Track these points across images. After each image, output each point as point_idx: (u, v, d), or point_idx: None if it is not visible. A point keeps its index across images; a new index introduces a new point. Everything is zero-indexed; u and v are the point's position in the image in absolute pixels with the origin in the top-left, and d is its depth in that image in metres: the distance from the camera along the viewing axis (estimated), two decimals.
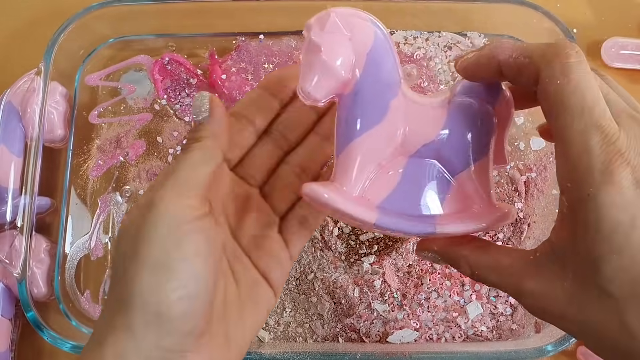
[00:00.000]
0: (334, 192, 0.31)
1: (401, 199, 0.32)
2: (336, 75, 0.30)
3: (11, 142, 0.49)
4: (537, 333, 0.47)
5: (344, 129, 0.31)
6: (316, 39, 0.30)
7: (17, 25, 0.57)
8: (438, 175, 0.33)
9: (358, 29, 0.31)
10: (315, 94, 0.30)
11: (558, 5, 0.56)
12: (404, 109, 0.32)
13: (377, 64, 0.31)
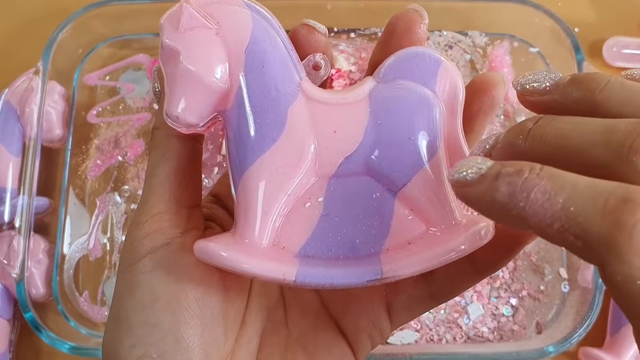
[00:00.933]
0: (234, 249, 0.22)
1: (328, 237, 0.23)
2: (207, 85, 0.22)
3: (9, 142, 0.49)
4: (539, 334, 0.47)
5: (235, 157, 0.23)
6: (171, 42, 0.22)
7: (15, 24, 0.57)
8: (373, 195, 0.24)
9: (227, 18, 0.23)
10: (187, 117, 0.22)
11: (559, 5, 0.56)
12: (310, 115, 0.23)
13: (261, 60, 0.23)
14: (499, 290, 0.48)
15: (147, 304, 0.22)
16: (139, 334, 0.22)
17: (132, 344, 0.22)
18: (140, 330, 0.22)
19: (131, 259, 0.23)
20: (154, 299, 0.22)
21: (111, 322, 0.23)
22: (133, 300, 0.22)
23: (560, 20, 0.51)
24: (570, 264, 0.48)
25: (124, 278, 0.23)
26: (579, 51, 0.50)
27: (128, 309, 0.22)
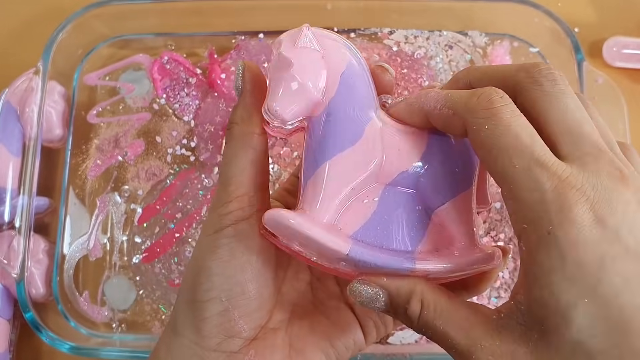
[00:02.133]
0: (301, 217, 0.27)
1: (376, 230, 0.29)
2: (307, 93, 0.27)
3: (9, 142, 0.49)
4: None
5: (313, 153, 0.28)
6: (287, 54, 0.27)
7: (15, 24, 0.57)
8: (417, 207, 0.29)
9: (331, 48, 0.28)
10: (284, 114, 0.27)
11: (559, 4, 0.56)
12: (380, 136, 0.29)
13: (351, 86, 0.28)
14: (499, 290, 0.48)
15: (226, 260, 0.28)
16: (215, 281, 0.28)
17: (208, 288, 0.28)
18: (216, 278, 0.28)
19: (216, 227, 0.29)
20: (232, 257, 0.28)
21: (190, 272, 0.30)
22: (215, 256, 0.28)
23: (560, 20, 0.51)
24: None
25: (208, 240, 0.29)
26: (579, 51, 0.50)
27: (210, 262, 0.28)
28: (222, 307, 0.28)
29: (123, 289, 0.49)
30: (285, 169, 0.51)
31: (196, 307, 0.29)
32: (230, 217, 0.29)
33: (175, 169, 0.52)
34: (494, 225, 0.49)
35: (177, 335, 0.29)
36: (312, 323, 0.31)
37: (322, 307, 0.32)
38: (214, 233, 0.29)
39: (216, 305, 0.28)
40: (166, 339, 0.30)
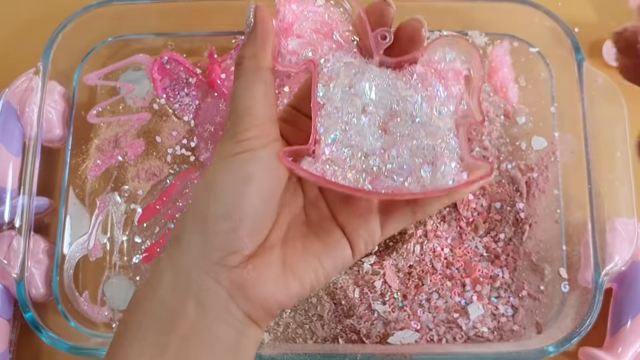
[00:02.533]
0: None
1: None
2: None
3: (9, 142, 0.49)
4: (539, 334, 0.47)
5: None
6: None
7: (15, 24, 0.57)
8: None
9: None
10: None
11: (560, 5, 0.56)
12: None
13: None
14: (499, 290, 0.48)
15: (242, 179, 0.30)
16: (228, 199, 0.30)
17: (221, 204, 0.30)
18: (230, 196, 0.30)
19: (234, 152, 0.31)
20: (248, 178, 0.30)
21: (203, 189, 0.31)
22: (231, 174, 0.31)
23: (560, 20, 0.51)
24: (570, 264, 0.48)
25: (225, 162, 0.31)
26: (579, 51, 0.50)
27: (224, 180, 0.31)
28: (231, 225, 0.30)
29: (123, 289, 0.49)
30: None
31: (207, 222, 0.31)
32: (248, 143, 0.31)
33: (175, 169, 0.52)
34: (493, 225, 0.49)
35: (181, 247, 0.31)
36: (305, 243, 0.33)
37: (314, 228, 0.34)
38: (231, 156, 0.31)
39: (227, 222, 0.30)
40: (169, 249, 0.32)
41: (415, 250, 0.48)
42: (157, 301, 0.31)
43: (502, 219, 0.49)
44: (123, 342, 0.31)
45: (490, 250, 0.49)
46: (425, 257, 0.49)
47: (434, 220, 0.49)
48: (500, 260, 0.48)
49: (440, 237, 0.49)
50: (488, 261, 0.49)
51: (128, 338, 0.31)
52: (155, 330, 0.31)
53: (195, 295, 0.30)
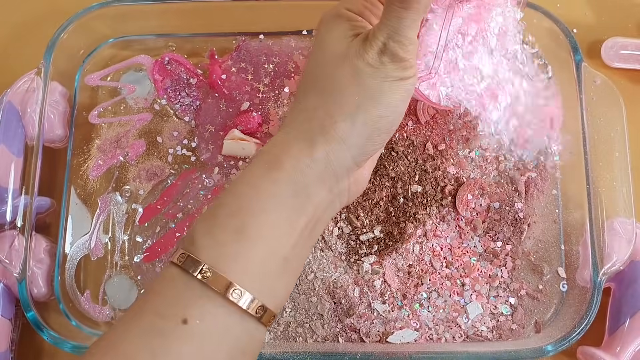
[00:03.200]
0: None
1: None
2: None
3: (11, 142, 0.49)
4: (537, 333, 0.47)
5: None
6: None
7: (17, 25, 0.57)
8: None
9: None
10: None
11: (558, 5, 0.56)
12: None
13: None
14: (498, 290, 0.48)
15: (405, 100, 0.37)
16: (395, 117, 0.37)
17: (389, 122, 0.37)
18: (395, 113, 0.36)
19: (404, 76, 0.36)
20: (408, 98, 0.37)
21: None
22: (399, 95, 0.36)
23: (559, 21, 0.51)
24: (569, 264, 0.49)
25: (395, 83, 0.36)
26: (577, 52, 0.50)
27: (393, 99, 0.36)
28: (388, 137, 0.39)
29: (124, 289, 0.49)
30: None
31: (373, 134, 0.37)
32: (414, 70, 0.36)
33: (176, 169, 0.52)
34: (492, 225, 0.49)
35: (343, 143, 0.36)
36: None
37: None
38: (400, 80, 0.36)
39: (387, 135, 0.39)
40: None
41: (414, 249, 0.49)
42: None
43: (501, 218, 0.49)
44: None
45: (489, 249, 0.49)
46: (424, 256, 0.49)
47: (434, 220, 0.49)
48: (499, 260, 0.49)
49: (440, 237, 0.49)
50: (487, 261, 0.49)
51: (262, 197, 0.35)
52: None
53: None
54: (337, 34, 0.37)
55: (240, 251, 0.33)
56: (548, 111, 0.50)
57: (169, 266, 0.34)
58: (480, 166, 0.51)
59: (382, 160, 0.50)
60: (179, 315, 0.31)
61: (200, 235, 0.33)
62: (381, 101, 0.35)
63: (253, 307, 0.33)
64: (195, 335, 0.31)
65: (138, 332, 0.31)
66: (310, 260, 0.49)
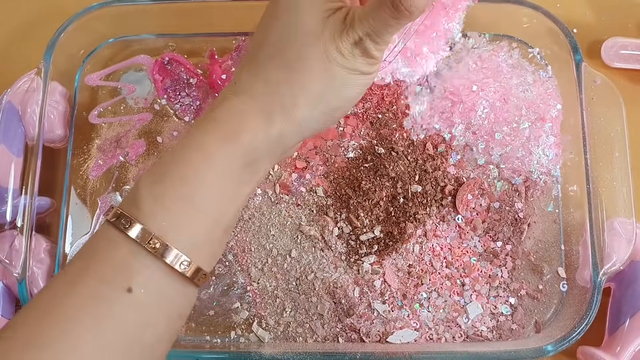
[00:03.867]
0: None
1: None
2: None
3: (11, 142, 0.49)
4: (537, 333, 0.47)
5: None
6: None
7: (17, 25, 0.57)
8: None
9: None
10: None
11: (558, 5, 0.56)
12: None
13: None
14: (498, 290, 0.48)
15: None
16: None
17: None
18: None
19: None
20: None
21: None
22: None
23: (559, 21, 0.51)
24: (569, 264, 0.49)
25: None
26: (577, 52, 0.50)
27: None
28: None
29: None
30: (285, 169, 0.51)
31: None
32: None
33: None
34: (492, 225, 0.49)
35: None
36: None
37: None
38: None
39: None
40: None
41: (414, 249, 0.49)
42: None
43: (500, 218, 0.50)
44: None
45: (489, 249, 0.49)
46: (424, 256, 0.49)
47: (434, 220, 0.49)
48: (499, 260, 0.49)
49: (440, 237, 0.49)
50: (487, 261, 0.49)
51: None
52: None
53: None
54: (312, 4, 0.35)
55: (189, 222, 0.33)
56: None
57: (111, 228, 0.33)
58: (480, 166, 0.51)
59: (382, 160, 0.50)
60: (124, 283, 0.31)
61: (148, 200, 0.33)
62: (343, 94, 0.36)
63: (197, 276, 0.33)
64: (139, 304, 0.32)
65: (81, 298, 0.31)
66: (310, 260, 0.49)
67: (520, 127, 0.50)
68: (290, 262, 0.49)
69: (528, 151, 0.50)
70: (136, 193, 0.33)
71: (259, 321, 0.48)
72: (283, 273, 0.49)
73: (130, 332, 0.31)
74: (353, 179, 0.50)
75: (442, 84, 0.52)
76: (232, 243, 0.50)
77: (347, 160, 0.51)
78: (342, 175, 0.51)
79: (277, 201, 0.50)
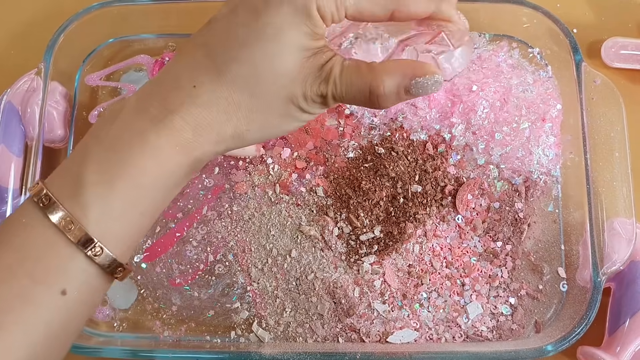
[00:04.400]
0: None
1: None
2: None
3: (11, 142, 0.49)
4: (537, 333, 0.47)
5: None
6: None
7: (17, 25, 0.57)
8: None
9: None
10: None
11: (558, 5, 0.56)
12: None
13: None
14: (498, 290, 0.48)
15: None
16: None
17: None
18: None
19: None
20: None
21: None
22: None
23: (559, 21, 0.51)
24: (569, 264, 0.49)
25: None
26: (577, 52, 0.50)
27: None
28: None
29: (124, 289, 0.49)
30: (285, 169, 0.51)
31: None
32: None
33: None
34: (492, 225, 0.49)
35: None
36: None
37: None
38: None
39: None
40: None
41: (414, 249, 0.49)
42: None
43: (500, 218, 0.50)
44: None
45: (489, 249, 0.49)
46: (424, 256, 0.49)
47: (433, 220, 0.49)
48: (499, 260, 0.49)
49: (440, 237, 0.49)
50: (487, 261, 0.49)
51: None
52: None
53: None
54: (296, 37, 0.33)
55: (132, 228, 0.33)
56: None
57: (48, 226, 0.31)
58: (480, 166, 0.51)
59: (382, 160, 0.50)
60: (59, 285, 0.31)
61: (95, 205, 0.31)
62: (289, 127, 0.36)
63: (125, 277, 0.34)
64: (69, 306, 0.31)
65: (9, 296, 0.30)
66: (310, 260, 0.49)
67: (520, 127, 0.50)
68: (290, 262, 0.49)
69: (528, 151, 0.50)
70: (82, 191, 0.31)
71: (259, 321, 0.48)
72: (283, 273, 0.49)
73: (54, 329, 0.31)
74: (353, 179, 0.50)
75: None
76: (232, 243, 0.50)
77: (347, 160, 0.51)
78: (342, 175, 0.51)
79: (277, 201, 0.50)
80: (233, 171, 0.52)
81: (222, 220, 0.51)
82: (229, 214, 0.51)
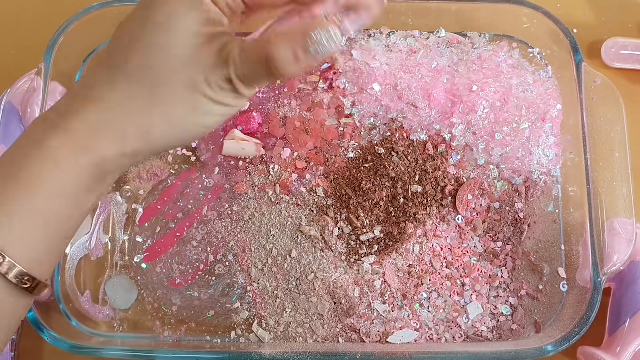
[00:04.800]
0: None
1: None
2: None
3: (11, 142, 0.49)
4: (537, 333, 0.47)
5: None
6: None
7: (17, 25, 0.57)
8: None
9: None
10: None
11: (558, 5, 0.56)
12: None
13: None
14: (498, 290, 0.48)
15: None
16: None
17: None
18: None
19: None
20: None
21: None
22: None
23: (559, 21, 0.51)
24: (569, 264, 0.49)
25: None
26: (577, 52, 0.50)
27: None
28: None
29: (124, 289, 0.49)
30: (286, 169, 0.51)
31: None
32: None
33: (176, 168, 0.52)
34: (492, 225, 0.49)
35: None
36: None
37: None
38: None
39: None
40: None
41: (414, 249, 0.49)
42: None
43: (500, 218, 0.50)
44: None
45: (489, 249, 0.49)
46: (424, 256, 0.49)
47: (433, 220, 0.49)
48: (499, 260, 0.49)
49: (440, 237, 0.49)
50: (487, 261, 0.49)
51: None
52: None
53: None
54: (186, 24, 0.32)
55: (33, 235, 0.32)
56: None
57: None
58: (480, 166, 0.51)
59: (382, 160, 0.50)
60: None
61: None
62: (203, 122, 0.34)
63: (37, 287, 0.33)
64: None
65: None
66: (310, 260, 0.49)
67: (520, 127, 0.50)
68: (290, 262, 0.49)
69: (528, 151, 0.50)
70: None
71: (259, 321, 0.48)
72: (283, 273, 0.49)
73: None
74: (353, 179, 0.50)
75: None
76: (232, 243, 0.50)
77: (347, 160, 0.51)
78: (342, 175, 0.51)
79: (277, 201, 0.50)
80: (233, 171, 0.52)
81: (222, 220, 0.51)
82: (229, 214, 0.51)
